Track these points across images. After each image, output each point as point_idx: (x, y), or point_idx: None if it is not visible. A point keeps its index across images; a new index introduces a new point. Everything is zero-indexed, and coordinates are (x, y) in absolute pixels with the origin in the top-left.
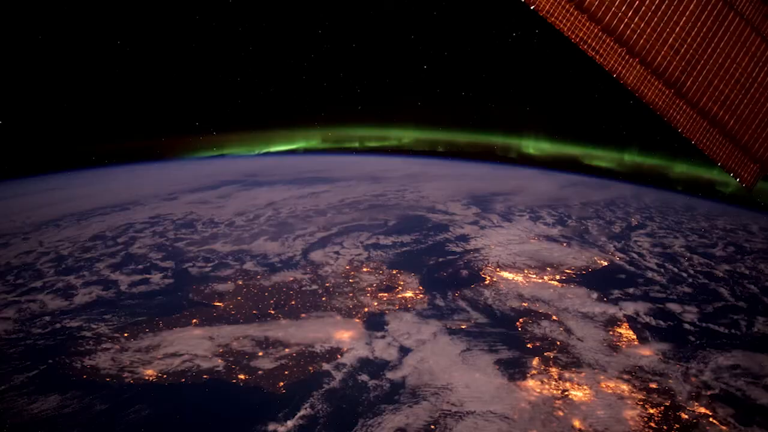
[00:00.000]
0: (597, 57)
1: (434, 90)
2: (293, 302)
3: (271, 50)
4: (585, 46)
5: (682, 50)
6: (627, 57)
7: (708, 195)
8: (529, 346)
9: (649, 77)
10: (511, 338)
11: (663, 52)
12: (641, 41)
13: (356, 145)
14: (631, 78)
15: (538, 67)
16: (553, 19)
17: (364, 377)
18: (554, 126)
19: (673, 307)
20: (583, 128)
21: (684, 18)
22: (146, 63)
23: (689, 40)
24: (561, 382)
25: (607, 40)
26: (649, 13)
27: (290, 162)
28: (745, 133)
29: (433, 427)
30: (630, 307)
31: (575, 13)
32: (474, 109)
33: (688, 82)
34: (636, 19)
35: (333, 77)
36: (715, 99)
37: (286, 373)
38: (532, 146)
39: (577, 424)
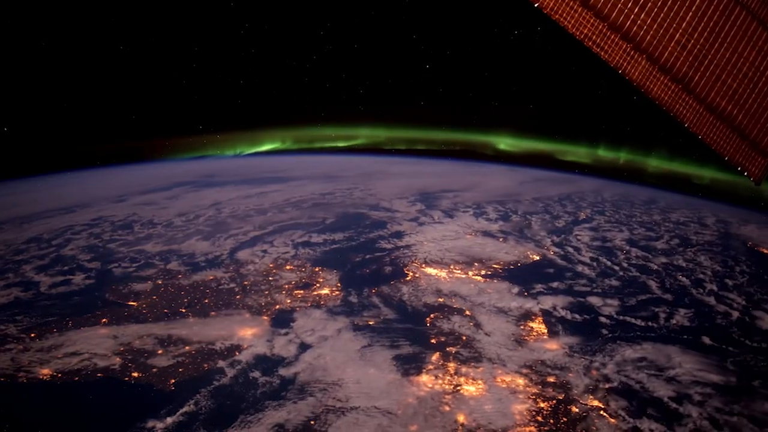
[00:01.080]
0: (602, 53)
1: (422, 89)
2: (207, 301)
3: (273, 52)
4: (589, 43)
5: (689, 45)
6: (633, 53)
7: (685, 189)
8: (433, 341)
9: (655, 73)
10: (417, 334)
11: (670, 48)
12: (648, 37)
13: (329, 144)
14: (636, 74)
15: (513, 63)
16: (557, 16)
17: (256, 374)
18: (531, 122)
19: (594, 300)
20: (559, 124)
21: (690, 13)
22: (148, 64)
23: (696, 35)
24: (456, 377)
25: (613, 37)
26: (656, 9)
27: (258, 162)
28: (753, 128)
29: (312, 422)
30: (549, 302)
31: (580, 10)
32: (452, 107)
33: (696, 78)
34: (642, 15)
35: (332, 78)
36: (723, 94)
37: (180, 370)
38: (506, 143)
39: (461, 419)
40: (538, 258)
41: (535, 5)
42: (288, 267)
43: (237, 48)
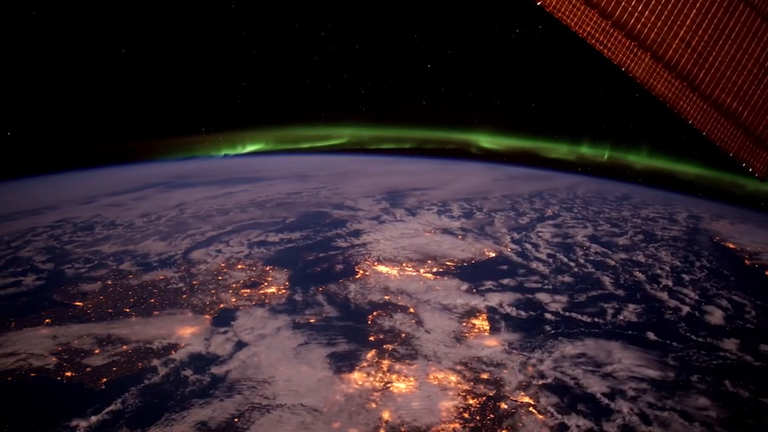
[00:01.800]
0: (605, 51)
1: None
2: (153, 300)
3: (273, 53)
4: (593, 41)
5: (694, 43)
6: (637, 51)
7: (669, 185)
8: (371, 339)
9: (659, 70)
10: (356, 332)
11: (674, 45)
12: (652, 35)
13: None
14: (640, 71)
15: (496, 62)
16: (559, 14)
17: (188, 372)
18: (514, 120)
19: (542, 297)
20: (543, 121)
21: (694, 11)
22: (149, 66)
23: (700, 32)
24: (388, 374)
25: (616, 35)
26: (660, 7)
27: (239, 163)
28: (759, 124)
29: (236, 420)
30: (496, 299)
31: (583, 8)
32: (440, 106)
33: (701, 75)
34: (647, 12)
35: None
36: (728, 90)
37: (114, 369)
38: (489, 141)
39: (385, 415)
40: (493, 255)
41: (538, 3)
42: (239, 266)
43: (238, 49)
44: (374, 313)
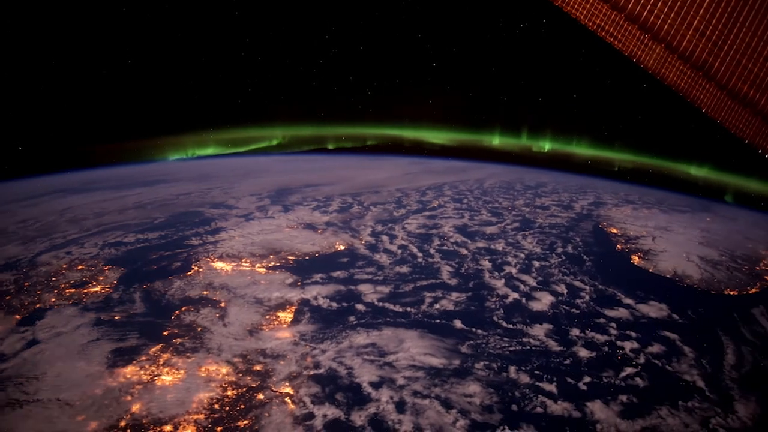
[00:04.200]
0: (615, 43)
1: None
2: None
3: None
4: (603, 33)
5: (708, 32)
6: (648, 42)
7: (608, 175)
8: (165, 334)
9: (670, 60)
10: (154, 327)
11: (688, 36)
12: (666, 26)
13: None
14: (651, 61)
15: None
16: (568, 8)
17: None
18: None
19: (365, 288)
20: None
21: (708, 0)
22: (152, 67)
23: (714, 21)
24: (161, 367)
25: (627, 27)
26: None
27: (178, 166)
28: None
29: None
30: (315, 291)
31: (593, 1)
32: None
33: (716, 64)
34: (659, 4)
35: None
36: (744, 78)
37: None
38: (436, 136)
39: (135, 408)
40: (342, 248)
41: None
42: (79, 267)
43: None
44: (182, 309)
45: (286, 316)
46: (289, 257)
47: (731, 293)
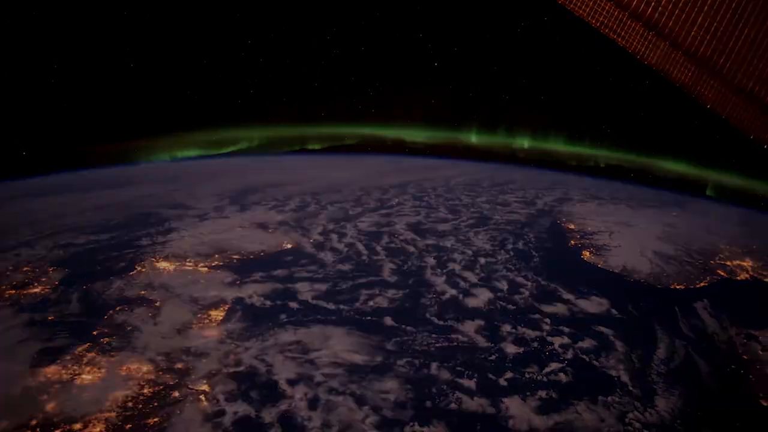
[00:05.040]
0: (619, 40)
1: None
2: None
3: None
4: (606, 30)
5: (713, 28)
6: (652, 39)
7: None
8: (94, 333)
9: (674, 56)
10: (85, 326)
11: (693, 32)
12: (670, 23)
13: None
14: (654, 58)
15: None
16: (571, 6)
17: None
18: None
19: (301, 286)
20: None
21: None
22: (152, 68)
23: (719, 17)
24: (83, 366)
25: (631, 24)
26: None
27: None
28: None
29: None
30: (251, 289)
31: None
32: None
33: (721, 60)
34: (663, 1)
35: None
36: (750, 74)
37: None
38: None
39: (50, 407)
40: (289, 247)
41: None
42: (25, 268)
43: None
44: (116, 309)
45: (218, 314)
46: (234, 256)
47: (678, 287)
